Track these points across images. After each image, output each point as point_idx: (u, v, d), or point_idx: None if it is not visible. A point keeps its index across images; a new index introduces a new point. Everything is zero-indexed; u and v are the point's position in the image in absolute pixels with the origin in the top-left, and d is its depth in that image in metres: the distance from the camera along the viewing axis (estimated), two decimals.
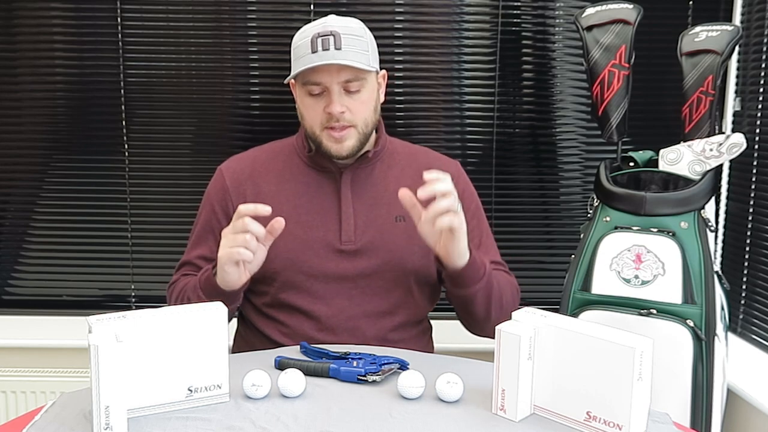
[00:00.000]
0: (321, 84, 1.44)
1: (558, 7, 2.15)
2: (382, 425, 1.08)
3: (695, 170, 1.75)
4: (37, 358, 2.16)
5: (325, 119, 1.45)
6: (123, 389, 1.02)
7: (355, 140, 1.47)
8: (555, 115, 2.20)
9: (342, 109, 1.44)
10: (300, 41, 1.46)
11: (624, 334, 1.04)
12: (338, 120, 1.44)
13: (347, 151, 1.47)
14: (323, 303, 1.49)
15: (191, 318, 1.12)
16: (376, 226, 1.51)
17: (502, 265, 1.60)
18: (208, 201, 1.57)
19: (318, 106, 1.46)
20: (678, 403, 1.68)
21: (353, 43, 1.43)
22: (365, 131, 1.49)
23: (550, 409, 1.11)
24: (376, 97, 1.52)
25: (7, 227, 2.22)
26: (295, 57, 1.47)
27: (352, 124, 1.46)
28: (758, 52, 2.01)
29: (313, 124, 1.48)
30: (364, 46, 1.46)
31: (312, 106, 1.47)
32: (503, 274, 1.57)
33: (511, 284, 1.56)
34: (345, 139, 1.46)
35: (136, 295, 2.25)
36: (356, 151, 1.49)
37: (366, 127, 1.48)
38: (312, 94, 1.46)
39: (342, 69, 1.42)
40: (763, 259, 1.98)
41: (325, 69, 1.42)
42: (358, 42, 1.45)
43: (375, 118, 1.51)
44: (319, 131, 1.47)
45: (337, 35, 1.42)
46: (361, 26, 1.49)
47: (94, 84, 2.15)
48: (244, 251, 1.29)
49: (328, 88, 1.44)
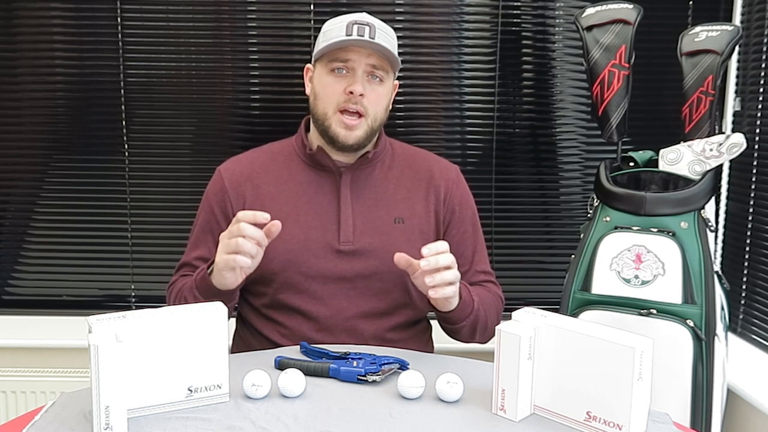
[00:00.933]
0: (349, 62, 1.46)
1: (558, 7, 2.15)
2: (382, 425, 1.08)
3: (695, 170, 1.75)
4: (37, 358, 2.16)
5: (342, 99, 1.46)
6: (123, 389, 1.02)
7: (363, 131, 1.48)
8: (555, 115, 2.20)
9: (362, 92, 1.45)
10: (334, 25, 1.49)
11: (624, 334, 1.04)
12: (356, 102, 1.45)
13: (354, 140, 1.48)
14: (321, 304, 1.49)
15: (191, 318, 1.12)
16: (375, 227, 1.51)
17: (489, 275, 1.61)
18: (207, 202, 1.57)
19: (338, 86, 1.47)
20: (678, 403, 1.68)
21: (386, 38, 1.48)
22: (373, 126, 1.50)
23: (550, 409, 1.11)
24: (389, 98, 1.54)
25: (7, 227, 2.22)
26: (325, 39, 1.48)
27: (365, 113, 1.47)
28: (758, 52, 2.01)
29: (328, 104, 1.48)
30: (394, 45, 1.51)
31: (332, 84, 1.48)
32: (489, 293, 1.56)
33: (495, 304, 1.56)
34: (355, 127, 1.47)
35: (136, 295, 2.25)
36: (362, 143, 1.49)
37: (375, 122, 1.50)
38: (335, 72, 1.47)
39: (371, 54, 1.46)
40: (763, 259, 1.98)
41: (356, 49, 1.45)
42: (389, 39, 1.49)
43: (384, 117, 1.53)
44: (332, 113, 1.48)
45: (372, 27, 1.46)
46: (392, 31, 1.53)
47: (94, 84, 2.15)
48: (241, 258, 1.28)
49: (354, 70, 1.46)
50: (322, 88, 1.50)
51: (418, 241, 1.51)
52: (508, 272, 2.21)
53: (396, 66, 1.51)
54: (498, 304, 1.56)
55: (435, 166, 1.60)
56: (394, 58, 1.48)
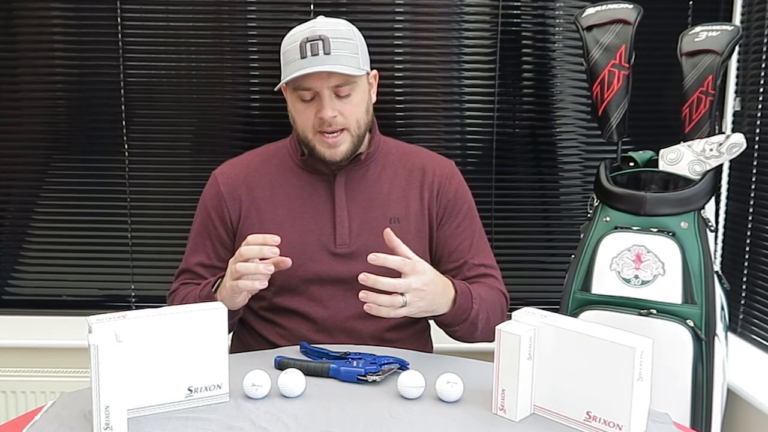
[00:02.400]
0: (311, 89, 1.43)
1: (558, 7, 2.15)
2: (382, 425, 1.08)
3: (695, 170, 1.74)
4: (37, 358, 2.16)
5: (317, 124, 1.45)
6: (123, 389, 1.02)
7: (348, 144, 1.47)
8: (555, 115, 2.20)
9: (334, 114, 1.43)
10: (289, 46, 1.46)
11: (624, 334, 1.04)
12: (330, 124, 1.44)
13: (341, 156, 1.47)
14: (320, 305, 1.49)
15: (191, 318, 1.12)
16: (371, 228, 1.50)
17: (490, 268, 1.58)
18: (204, 207, 1.57)
19: (309, 111, 1.45)
20: (678, 403, 1.68)
21: (342, 46, 1.43)
22: (358, 133, 1.48)
23: (550, 409, 1.11)
24: (368, 99, 1.51)
25: (7, 227, 2.22)
26: (285, 62, 1.47)
27: (345, 127, 1.46)
28: (758, 52, 2.01)
29: (305, 129, 1.47)
30: (354, 49, 1.45)
31: (303, 111, 1.46)
32: (492, 291, 1.52)
33: (500, 303, 1.53)
34: (339, 144, 1.46)
35: (136, 295, 2.25)
36: (350, 154, 1.48)
37: (359, 128, 1.48)
38: (303, 99, 1.45)
39: (332, 74, 1.41)
40: (763, 259, 1.98)
41: (315, 75, 1.41)
42: (347, 45, 1.44)
43: (368, 119, 1.51)
44: (312, 135, 1.47)
45: (326, 39, 1.41)
46: (350, 28, 1.48)
47: (94, 84, 2.15)
48: (251, 284, 1.30)
49: (318, 93, 1.43)
50: (296, 113, 1.49)
51: (414, 239, 1.51)
52: (508, 272, 2.17)
53: (363, 71, 1.46)
54: (502, 303, 1.54)
55: (428, 163, 1.59)
56: (355, 70, 1.43)
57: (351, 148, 1.48)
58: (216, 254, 1.54)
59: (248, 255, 1.28)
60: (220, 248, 1.54)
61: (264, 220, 1.51)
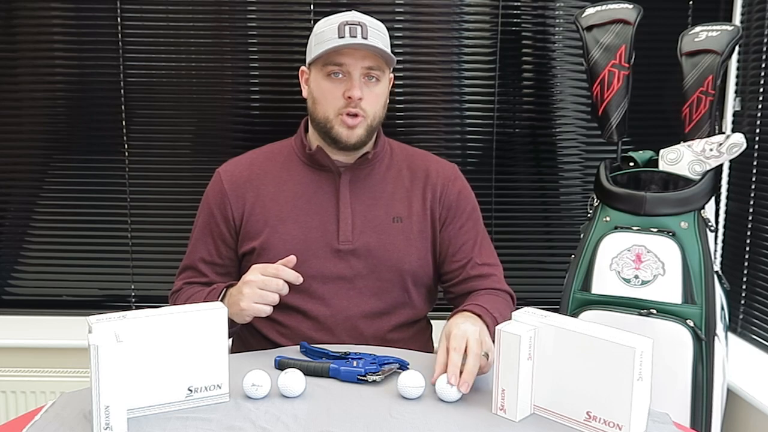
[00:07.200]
0: (344, 66, 1.45)
1: (558, 7, 2.15)
2: (382, 425, 1.08)
3: (695, 170, 1.74)
4: (37, 358, 2.16)
5: (342, 104, 1.46)
6: (123, 389, 1.02)
7: (364, 130, 1.48)
8: (555, 115, 2.20)
9: (361, 95, 1.45)
10: (325, 27, 1.48)
11: (624, 334, 1.04)
12: (355, 105, 1.45)
13: (356, 139, 1.48)
14: (321, 303, 1.49)
15: (191, 318, 1.12)
16: (374, 226, 1.51)
17: (492, 267, 1.58)
18: (207, 205, 1.57)
19: (337, 90, 1.47)
20: (678, 403, 1.68)
21: (378, 36, 1.47)
22: (373, 125, 1.50)
23: (550, 409, 1.11)
24: (387, 95, 1.54)
25: (7, 227, 2.22)
26: (318, 42, 1.48)
27: (365, 114, 1.47)
28: (758, 52, 2.01)
29: (328, 109, 1.48)
30: (387, 42, 1.50)
31: (330, 90, 1.47)
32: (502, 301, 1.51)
33: (510, 309, 1.51)
34: (357, 127, 1.47)
35: (136, 295, 2.25)
36: (363, 141, 1.50)
37: (374, 120, 1.50)
38: (332, 76, 1.47)
39: (366, 56, 1.45)
40: (763, 259, 1.98)
41: (351, 52, 1.44)
42: (382, 37, 1.49)
43: (382, 114, 1.53)
44: (333, 116, 1.48)
45: (364, 26, 1.45)
46: (383, 26, 1.53)
47: (94, 84, 2.15)
48: (268, 308, 1.33)
49: (350, 73, 1.45)
50: (320, 93, 1.49)
51: (416, 239, 1.52)
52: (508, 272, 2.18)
53: (391, 63, 1.50)
54: (510, 305, 1.55)
55: (432, 166, 1.60)
56: (388, 56, 1.47)
57: (365, 135, 1.49)
58: (218, 252, 1.54)
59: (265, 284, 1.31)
60: (222, 245, 1.54)
61: (268, 216, 1.51)
